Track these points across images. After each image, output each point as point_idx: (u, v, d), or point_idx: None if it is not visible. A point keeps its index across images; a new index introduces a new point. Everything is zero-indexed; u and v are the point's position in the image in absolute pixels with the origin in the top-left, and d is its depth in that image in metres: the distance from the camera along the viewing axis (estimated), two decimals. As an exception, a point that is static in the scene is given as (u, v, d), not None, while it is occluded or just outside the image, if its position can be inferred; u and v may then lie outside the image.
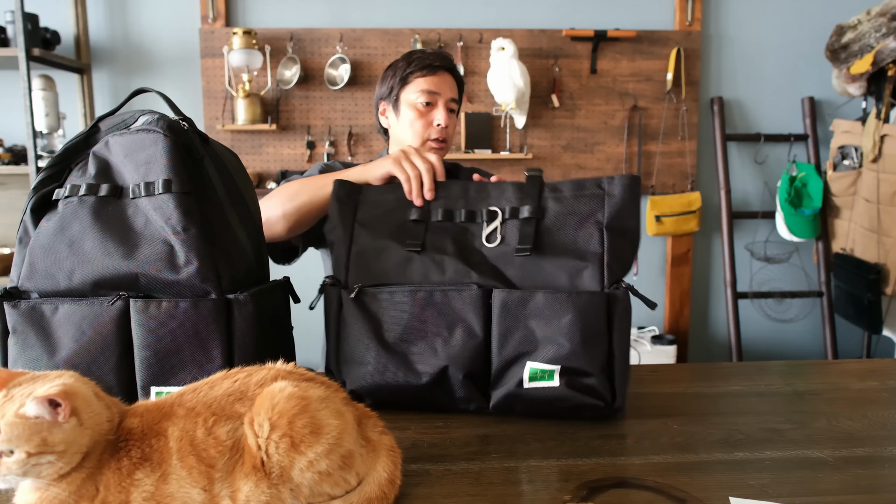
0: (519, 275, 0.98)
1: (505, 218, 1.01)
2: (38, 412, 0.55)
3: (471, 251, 1.01)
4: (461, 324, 0.96)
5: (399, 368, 0.96)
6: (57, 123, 2.71)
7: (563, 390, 0.93)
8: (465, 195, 1.05)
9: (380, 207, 1.05)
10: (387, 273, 1.00)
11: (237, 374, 0.68)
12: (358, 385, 0.97)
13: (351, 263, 1.02)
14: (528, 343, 0.94)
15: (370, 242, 1.02)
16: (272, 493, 0.62)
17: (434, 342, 0.96)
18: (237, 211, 0.94)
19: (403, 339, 0.97)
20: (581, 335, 0.93)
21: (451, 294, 0.97)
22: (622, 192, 0.99)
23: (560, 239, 0.99)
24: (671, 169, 3.08)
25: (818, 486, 0.75)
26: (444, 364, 0.95)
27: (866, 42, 2.63)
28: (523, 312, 0.95)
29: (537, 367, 0.94)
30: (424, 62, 1.46)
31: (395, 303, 0.98)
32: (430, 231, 1.03)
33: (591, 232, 0.99)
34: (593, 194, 1.01)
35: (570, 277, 0.97)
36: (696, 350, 3.28)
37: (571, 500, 0.72)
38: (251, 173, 2.92)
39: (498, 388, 0.96)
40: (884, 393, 1.08)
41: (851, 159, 2.81)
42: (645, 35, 2.98)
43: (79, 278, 0.84)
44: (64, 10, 2.85)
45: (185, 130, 0.90)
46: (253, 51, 2.74)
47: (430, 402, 0.99)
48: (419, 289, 0.98)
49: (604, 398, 0.94)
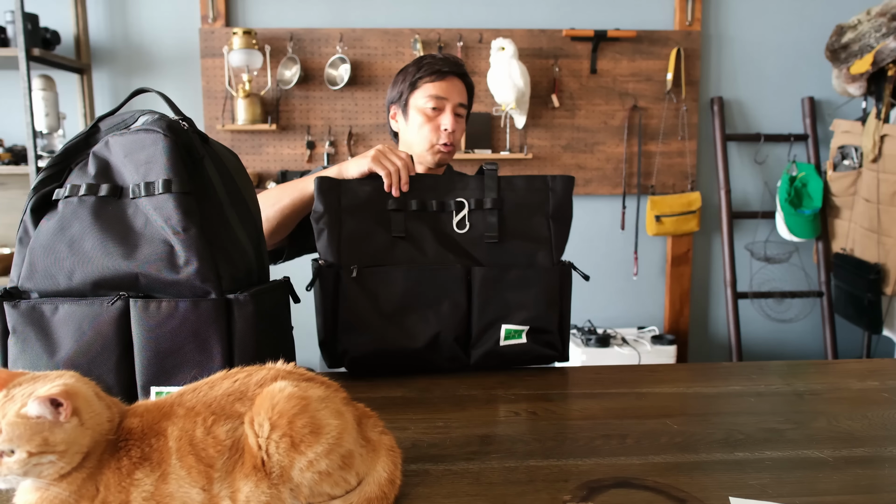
0: (486, 256, 1.21)
1: (471, 208, 1.21)
2: (40, 412, 0.55)
3: (445, 236, 1.20)
4: (448, 297, 1.18)
5: (398, 335, 1.16)
6: (57, 123, 2.71)
7: (530, 345, 1.21)
8: (435, 188, 1.22)
9: (359, 197, 1.19)
10: (376, 254, 1.17)
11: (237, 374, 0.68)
12: (361, 352, 1.15)
13: (342, 246, 1.17)
14: (503, 309, 1.19)
15: (357, 227, 1.17)
16: (272, 493, 0.62)
17: (426, 312, 1.17)
18: (237, 211, 0.94)
19: (400, 310, 1.16)
20: (544, 302, 1.21)
21: (439, 272, 1.18)
22: (563, 189, 1.23)
23: (517, 226, 1.22)
24: (671, 169, 3.08)
25: (818, 486, 0.75)
26: (437, 330, 1.17)
27: (866, 42, 2.63)
28: (499, 286, 1.19)
29: (511, 328, 1.20)
30: (434, 67, 1.47)
31: (390, 280, 1.16)
32: (408, 219, 1.20)
33: (541, 220, 1.23)
34: (541, 189, 1.23)
35: (528, 257, 1.22)
36: (696, 350, 3.28)
37: (571, 500, 0.72)
38: (251, 173, 2.92)
39: (478, 348, 1.20)
40: (884, 393, 1.08)
41: (851, 159, 2.81)
42: (645, 35, 2.98)
43: (79, 278, 0.84)
44: (64, 10, 2.85)
45: (185, 130, 0.90)
46: (253, 51, 2.74)
47: (421, 362, 1.18)
48: (412, 268, 1.17)
49: (557, 349, 1.24)
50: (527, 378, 1.17)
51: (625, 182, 3.07)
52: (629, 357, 2.81)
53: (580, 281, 3.15)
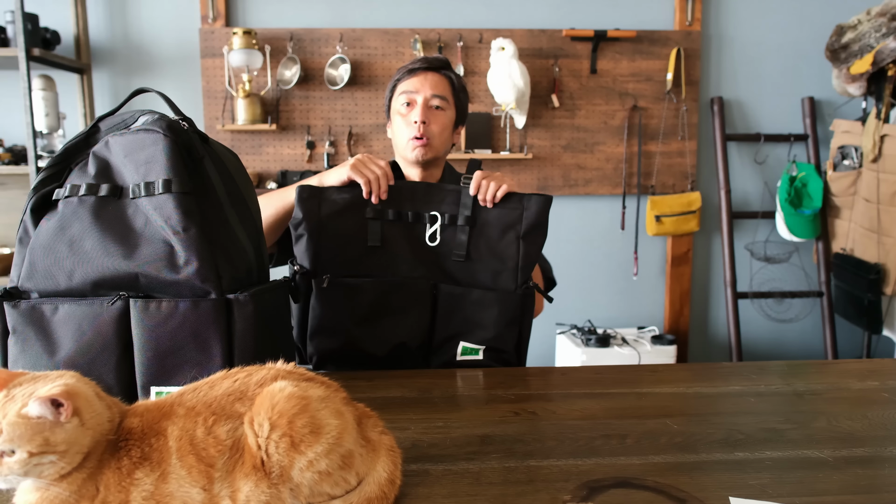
0: (455, 270, 1.26)
1: (444, 223, 1.24)
2: (41, 412, 0.55)
3: (418, 248, 1.25)
4: (414, 309, 1.23)
5: (364, 343, 1.22)
6: (57, 123, 2.71)
7: (486, 362, 1.26)
8: (412, 198, 1.25)
9: (338, 205, 1.22)
10: (351, 263, 1.22)
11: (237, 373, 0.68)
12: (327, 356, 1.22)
13: (318, 253, 1.21)
14: (463, 326, 1.24)
15: (334, 235, 1.21)
16: (272, 492, 0.62)
17: (392, 323, 1.23)
18: (237, 211, 0.95)
19: (368, 320, 1.21)
20: (503, 324, 1.24)
21: (407, 285, 1.23)
22: (537, 209, 1.23)
23: (486, 244, 1.24)
24: (671, 169, 3.08)
25: (818, 486, 0.75)
26: (402, 340, 1.23)
27: (866, 42, 2.63)
28: (462, 303, 1.24)
29: (468, 346, 1.25)
30: (406, 68, 1.46)
31: (361, 290, 1.21)
32: (385, 227, 1.24)
33: (511, 240, 1.24)
34: (515, 208, 1.24)
35: (493, 276, 1.25)
36: (696, 350, 3.28)
37: (571, 500, 0.72)
38: (251, 173, 2.92)
39: (437, 357, 1.27)
40: (884, 393, 1.08)
41: (851, 159, 2.81)
42: (645, 35, 2.98)
43: (79, 278, 0.84)
44: (64, 10, 2.85)
45: (185, 130, 0.90)
46: (253, 51, 2.74)
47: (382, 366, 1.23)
48: (382, 280, 1.22)
49: (513, 365, 1.28)
50: (527, 378, 1.17)
51: (625, 182, 3.07)
52: (629, 357, 2.81)
53: (581, 281, 3.15)
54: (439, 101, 1.44)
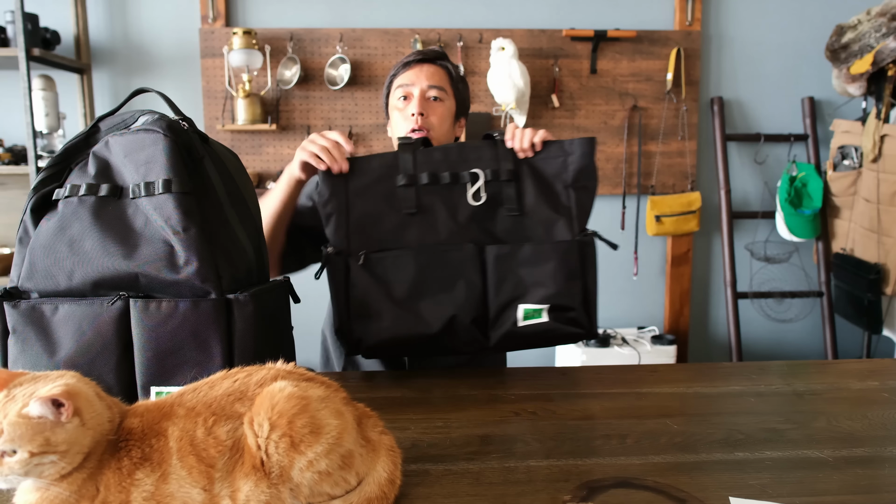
0: (503, 229, 1.15)
1: (487, 179, 1.15)
2: (42, 412, 0.55)
3: (459, 210, 1.15)
4: (462, 277, 1.12)
5: (412, 321, 1.11)
6: (57, 123, 2.71)
7: (552, 324, 1.14)
8: (446, 159, 1.16)
9: (367, 176, 1.14)
10: (386, 238, 1.13)
11: (237, 373, 0.68)
12: (375, 340, 1.11)
13: (351, 232, 1.12)
14: (520, 288, 1.13)
15: (366, 210, 1.13)
16: (272, 492, 0.62)
17: (440, 295, 1.12)
18: (237, 211, 0.94)
19: (413, 295, 1.11)
20: (563, 277, 1.13)
21: (450, 253, 1.12)
22: (582, 153, 1.16)
23: (534, 197, 1.15)
24: (671, 169, 3.08)
25: (818, 486, 0.75)
26: (453, 313, 1.11)
27: (866, 42, 2.63)
28: (513, 263, 1.13)
29: (529, 308, 1.13)
30: (401, 63, 1.43)
31: (400, 264, 1.11)
32: (419, 193, 1.14)
33: (559, 190, 1.16)
34: (557, 157, 1.17)
35: (546, 229, 1.15)
36: (696, 350, 3.28)
37: (571, 500, 0.72)
38: (251, 173, 2.92)
39: (497, 329, 1.14)
40: (884, 393, 1.08)
41: (851, 159, 2.81)
42: (645, 35, 2.98)
43: (79, 278, 0.84)
44: (64, 10, 2.85)
45: (185, 130, 0.90)
46: (253, 51, 2.74)
47: (439, 347, 1.14)
48: (422, 251, 1.12)
49: (583, 326, 1.17)
50: (527, 378, 1.17)
51: (625, 182, 3.07)
52: (629, 357, 2.81)
53: (580, 281, 3.14)
54: (437, 92, 1.41)
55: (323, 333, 1.53)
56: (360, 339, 1.12)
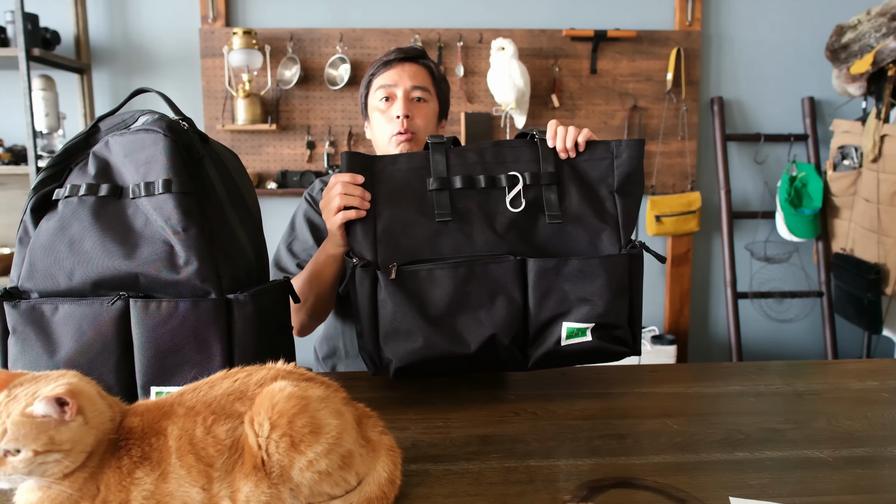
0: (545, 238, 1.06)
1: (526, 183, 1.05)
2: (46, 411, 0.55)
3: (497, 217, 1.05)
4: (502, 293, 1.02)
5: (448, 340, 1.00)
6: (57, 123, 2.71)
7: (596, 343, 1.04)
8: (482, 160, 1.06)
9: (396, 180, 1.05)
10: (417, 248, 1.03)
11: (237, 373, 0.68)
12: (407, 361, 1.00)
13: (379, 242, 1.03)
14: (563, 305, 1.03)
15: (395, 218, 1.03)
16: (272, 492, 0.62)
17: (478, 312, 1.01)
18: (237, 211, 0.94)
19: (448, 312, 1.01)
20: (611, 294, 1.03)
21: (490, 266, 1.02)
22: (630, 156, 1.07)
23: (577, 203, 1.06)
24: (671, 169, 3.08)
25: (818, 486, 0.75)
26: (492, 332, 1.01)
27: (866, 42, 2.63)
28: (557, 278, 1.03)
29: (573, 326, 1.03)
30: (381, 61, 1.39)
31: (435, 279, 1.01)
32: (453, 198, 1.04)
33: (605, 195, 1.07)
34: (603, 158, 1.08)
35: (591, 239, 1.06)
36: (696, 350, 3.28)
37: (571, 500, 0.72)
38: (251, 173, 2.92)
39: (537, 348, 1.04)
40: (884, 393, 1.08)
41: (851, 159, 2.81)
42: (645, 35, 2.98)
43: (79, 278, 0.84)
44: (64, 10, 2.84)
45: (185, 130, 0.90)
46: (253, 51, 2.74)
47: (475, 367, 1.05)
48: (459, 263, 1.01)
49: (628, 344, 1.07)
50: (527, 378, 1.17)
51: (625, 182, 3.07)
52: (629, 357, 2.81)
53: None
54: (420, 93, 1.38)
55: (315, 351, 1.52)
56: (389, 360, 1.01)
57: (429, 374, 1.05)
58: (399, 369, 1.01)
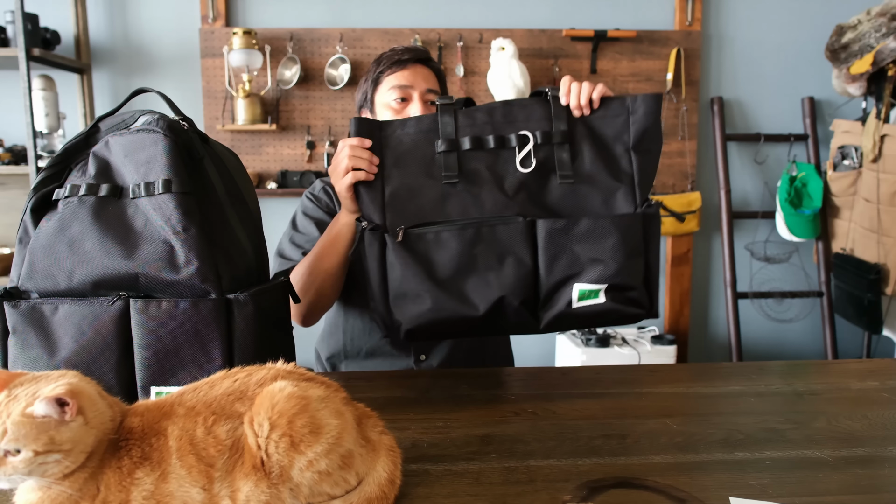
0: (556, 199, 1.04)
1: (537, 142, 1.03)
2: (47, 411, 0.55)
3: (506, 178, 1.03)
4: (511, 255, 1.01)
5: (456, 303, 1.01)
6: (57, 123, 2.71)
7: (610, 305, 1.02)
8: (491, 120, 1.04)
9: (404, 143, 1.04)
10: (425, 211, 1.03)
11: (237, 373, 0.68)
12: (415, 323, 1.01)
13: (387, 205, 1.03)
14: (574, 266, 1.01)
15: (403, 181, 1.03)
16: (272, 492, 0.62)
17: (486, 275, 1.01)
18: (237, 211, 0.94)
19: (457, 274, 1.01)
20: (624, 254, 1.01)
21: (497, 228, 1.01)
22: (646, 111, 1.04)
23: (591, 162, 1.04)
24: (671, 169, 3.08)
25: (818, 486, 0.75)
26: (501, 294, 1.00)
27: (866, 42, 2.63)
28: (568, 239, 1.01)
29: (585, 288, 1.02)
30: (393, 58, 1.39)
31: (443, 241, 1.01)
32: (462, 160, 1.03)
33: (620, 154, 1.04)
34: (618, 115, 1.04)
35: (605, 199, 1.04)
36: (696, 350, 3.28)
37: (571, 500, 0.72)
38: (251, 173, 2.92)
39: (548, 311, 1.03)
40: (884, 393, 1.08)
41: (851, 159, 2.81)
42: (645, 35, 2.98)
43: (79, 278, 0.84)
44: (64, 10, 2.84)
45: (185, 130, 0.90)
46: (253, 51, 2.74)
47: (485, 330, 1.04)
48: (467, 226, 1.01)
49: (644, 306, 1.05)
50: (527, 378, 1.17)
51: (625, 182, 3.07)
52: (629, 357, 2.81)
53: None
54: (431, 96, 1.39)
55: (316, 351, 1.52)
56: (399, 322, 1.02)
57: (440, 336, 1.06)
58: (409, 331, 1.02)
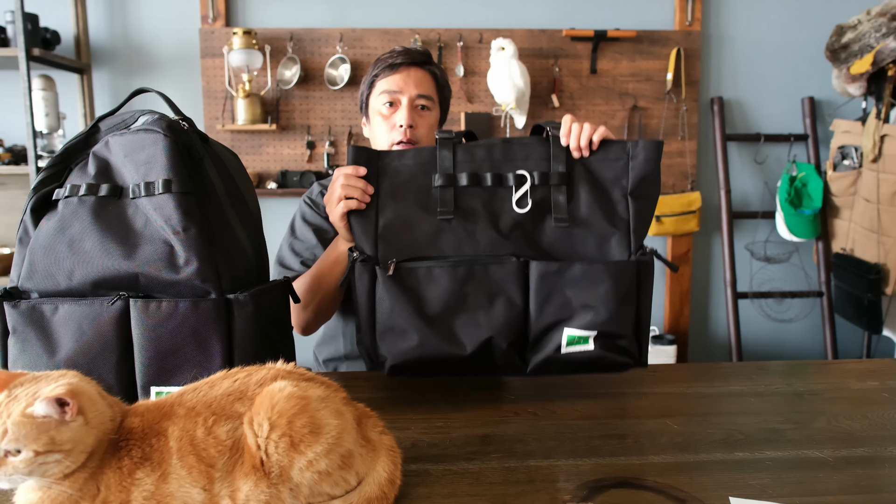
0: (550, 240, 1.02)
1: (535, 183, 1.02)
2: (47, 411, 0.55)
3: (501, 217, 1.02)
4: (502, 295, 1.00)
5: (443, 341, 0.99)
6: (57, 123, 2.71)
7: (598, 352, 1.00)
8: (489, 157, 1.03)
9: (401, 174, 1.03)
10: (418, 245, 1.01)
11: (237, 373, 0.68)
12: (401, 359, 0.99)
13: (379, 237, 1.02)
14: (565, 310, 1.00)
15: (397, 213, 1.02)
16: (272, 492, 0.62)
17: (476, 314, 0.99)
18: (237, 211, 0.94)
19: (445, 311, 0.99)
20: (615, 301, 0.99)
21: (490, 267, 0.99)
22: (646, 157, 1.04)
23: (587, 205, 1.02)
24: (671, 169, 3.08)
25: (818, 486, 0.75)
26: (489, 335, 0.99)
27: (866, 42, 2.63)
28: (560, 282, 1.00)
29: (574, 334, 1.00)
30: (386, 62, 1.36)
31: (434, 277, 0.99)
32: (458, 196, 1.02)
33: (617, 198, 1.03)
34: (618, 159, 1.04)
35: (599, 243, 1.02)
36: (696, 350, 3.28)
37: (571, 500, 0.72)
38: (251, 173, 2.92)
39: (536, 354, 1.02)
40: (884, 393, 1.08)
41: (851, 159, 2.81)
42: (645, 35, 2.98)
43: (79, 278, 0.84)
44: (64, 10, 2.84)
45: (185, 130, 0.90)
46: (253, 51, 2.74)
47: (471, 370, 1.02)
48: (459, 263, 0.99)
49: (633, 356, 1.03)
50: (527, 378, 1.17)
51: (625, 182, 3.07)
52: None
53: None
54: (425, 101, 1.36)
55: (315, 354, 1.52)
56: (384, 356, 1.00)
57: (425, 374, 1.03)
58: (393, 367, 1.00)
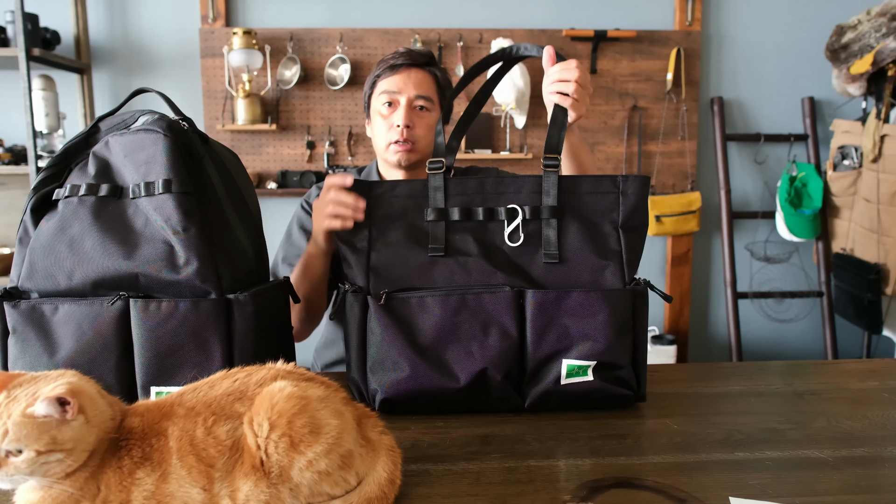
0: (543, 274, 1.01)
1: (526, 217, 1.02)
2: (48, 411, 0.55)
3: (494, 250, 1.01)
4: (495, 325, 0.97)
5: (435, 373, 0.96)
6: (57, 123, 2.71)
7: (598, 383, 0.98)
8: (482, 191, 1.03)
9: (393, 207, 1.03)
10: (410, 277, 1.00)
11: (237, 373, 0.68)
12: (392, 392, 0.96)
13: (371, 269, 1.00)
14: (564, 341, 0.97)
15: (390, 246, 1.01)
16: (271, 492, 0.62)
17: (469, 345, 0.97)
18: (237, 211, 0.94)
19: (438, 343, 0.97)
20: (613, 330, 0.97)
21: (483, 296, 0.97)
22: (635, 192, 1.03)
23: (580, 238, 1.02)
24: (671, 169, 3.08)
25: (818, 486, 0.75)
26: (482, 366, 0.96)
27: (866, 42, 2.63)
28: (558, 312, 0.97)
29: (574, 364, 0.98)
30: (388, 63, 1.37)
31: (426, 307, 0.97)
32: (450, 231, 1.02)
33: (609, 231, 1.03)
34: (608, 192, 1.04)
35: (593, 275, 1.01)
36: (696, 350, 3.28)
37: (571, 500, 0.72)
38: (251, 173, 2.92)
39: (534, 387, 0.99)
40: (884, 393, 1.08)
41: (851, 159, 2.81)
42: (645, 35, 2.98)
43: (79, 278, 0.84)
44: (64, 10, 2.85)
45: (185, 130, 0.90)
46: (253, 51, 2.74)
47: (466, 404, 0.99)
48: (451, 293, 0.97)
49: (632, 387, 1.01)
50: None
51: (625, 182, 3.07)
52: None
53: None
54: (423, 102, 1.37)
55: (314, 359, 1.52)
56: (375, 390, 0.98)
57: (417, 409, 0.99)
58: (385, 400, 0.97)
